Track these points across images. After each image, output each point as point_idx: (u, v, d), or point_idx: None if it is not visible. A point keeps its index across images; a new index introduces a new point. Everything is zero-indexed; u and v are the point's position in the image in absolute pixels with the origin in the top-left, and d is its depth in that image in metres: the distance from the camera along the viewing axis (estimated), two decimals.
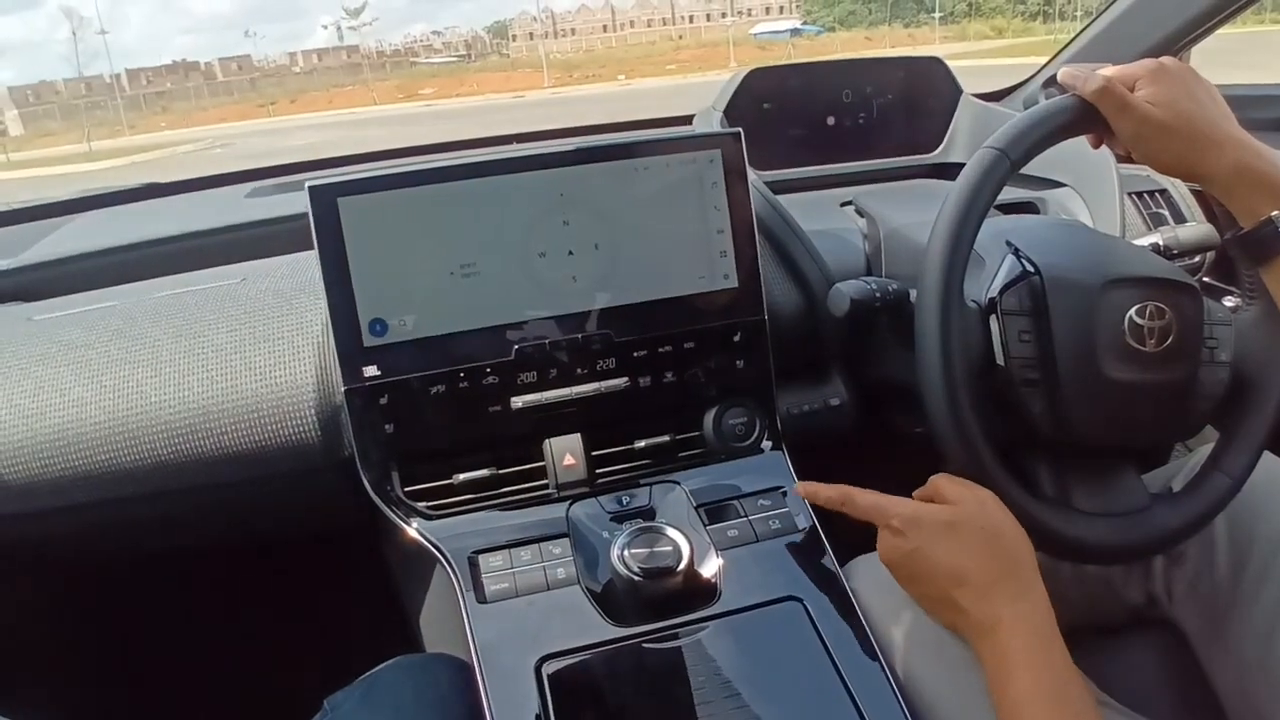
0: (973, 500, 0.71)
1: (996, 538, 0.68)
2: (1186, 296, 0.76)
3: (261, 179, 1.45)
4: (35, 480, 0.85)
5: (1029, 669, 0.62)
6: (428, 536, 0.82)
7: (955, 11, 51.70)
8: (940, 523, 0.69)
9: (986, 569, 0.67)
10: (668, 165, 0.86)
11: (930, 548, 0.69)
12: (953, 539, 0.68)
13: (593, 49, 62.58)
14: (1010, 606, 0.65)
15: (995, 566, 0.67)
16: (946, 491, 0.72)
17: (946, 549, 0.68)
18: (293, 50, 72.42)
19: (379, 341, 0.81)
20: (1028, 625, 0.64)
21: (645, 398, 0.88)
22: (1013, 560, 0.67)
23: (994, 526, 0.69)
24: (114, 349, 0.87)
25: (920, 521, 0.70)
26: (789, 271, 1.00)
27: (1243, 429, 0.78)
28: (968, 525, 0.68)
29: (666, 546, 0.76)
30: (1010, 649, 0.63)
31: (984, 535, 0.68)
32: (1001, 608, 0.65)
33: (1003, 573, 0.67)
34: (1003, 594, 0.66)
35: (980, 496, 0.71)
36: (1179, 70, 0.72)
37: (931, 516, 0.70)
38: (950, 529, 0.69)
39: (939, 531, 0.69)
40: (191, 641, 1.34)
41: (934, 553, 0.68)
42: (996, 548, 0.68)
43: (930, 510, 0.71)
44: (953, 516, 0.69)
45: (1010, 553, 0.68)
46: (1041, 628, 0.65)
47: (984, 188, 0.74)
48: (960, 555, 0.68)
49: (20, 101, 45.12)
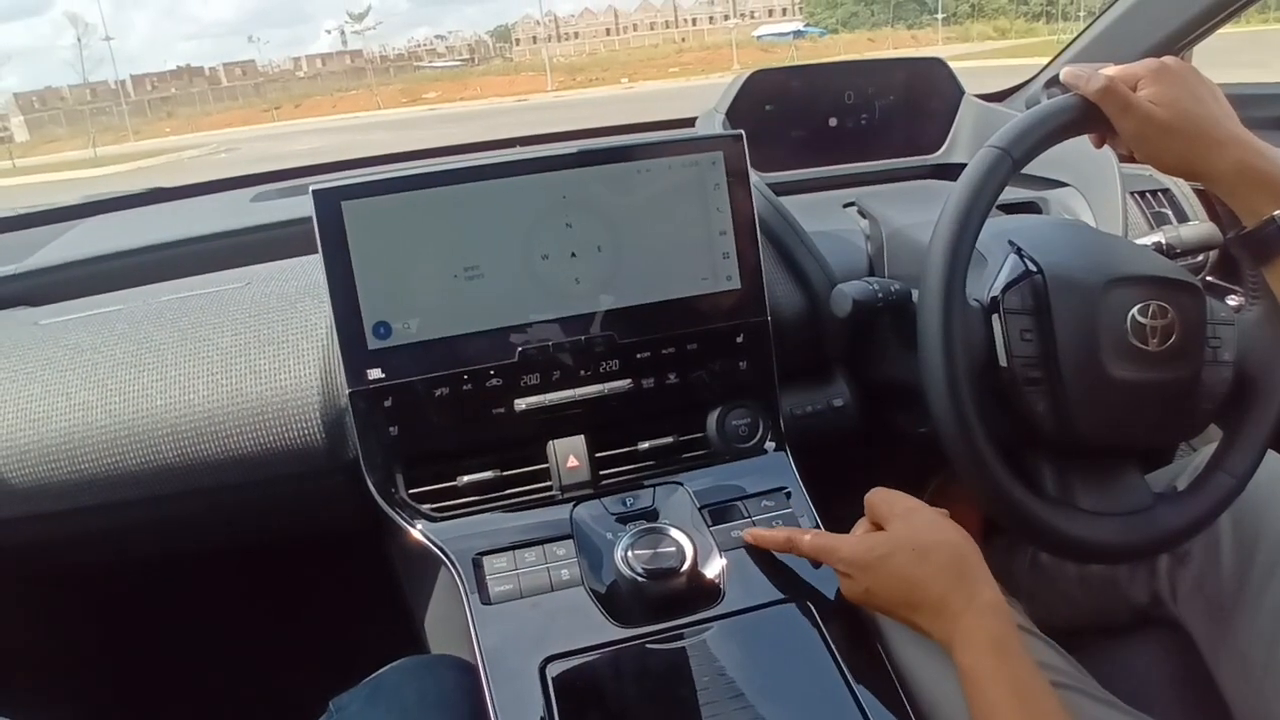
0: (899, 520, 0.71)
1: (929, 553, 0.67)
2: (1189, 295, 0.76)
3: (266, 183, 1.46)
4: (42, 484, 0.85)
5: (993, 680, 0.62)
6: (432, 538, 0.82)
7: (958, 13, 51.71)
8: (876, 557, 0.69)
9: (930, 588, 0.66)
10: (670, 167, 0.87)
11: (878, 584, 0.69)
12: (891, 568, 0.68)
13: (596, 52, 62.65)
14: (961, 619, 0.64)
15: (938, 582, 0.66)
16: (876, 511, 0.73)
17: (889, 581, 0.68)
18: (297, 55, 72.63)
19: (383, 344, 0.82)
20: (984, 635, 0.63)
21: (649, 399, 0.88)
22: (953, 570, 0.67)
23: (923, 544, 0.68)
24: (119, 353, 0.88)
25: (859, 560, 0.70)
26: (792, 273, 1.00)
27: (1246, 428, 0.78)
28: (899, 551, 0.68)
29: (670, 547, 0.76)
30: (971, 666, 0.63)
31: (916, 556, 0.68)
32: (956, 620, 0.64)
33: (947, 586, 0.66)
34: (953, 607, 0.65)
35: (905, 511, 0.71)
36: (1181, 69, 0.72)
37: (866, 553, 0.70)
38: (886, 560, 0.68)
39: (878, 565, 0.69)
40: (197, 644, 1.34)
41: (882, 588, 0.69)
42: (932, 564, 0.67)
43: (864, 546, 0.70)
44: (886, 547, 0.69)
45: (948, 564, 0.67)
46: (997, 633, 0.64)
47: (986, 186, 0.74)
48: (903, 583, 0.68)
49: (26, 107, 45.36)
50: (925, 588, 0.66)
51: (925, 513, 0.71)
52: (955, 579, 0.66)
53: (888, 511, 0.72)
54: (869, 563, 0.69)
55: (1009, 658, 0.63)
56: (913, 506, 0.72)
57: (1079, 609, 0.96)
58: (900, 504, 0.72)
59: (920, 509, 0.72)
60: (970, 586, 0.66)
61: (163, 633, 1.35)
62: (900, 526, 0.70)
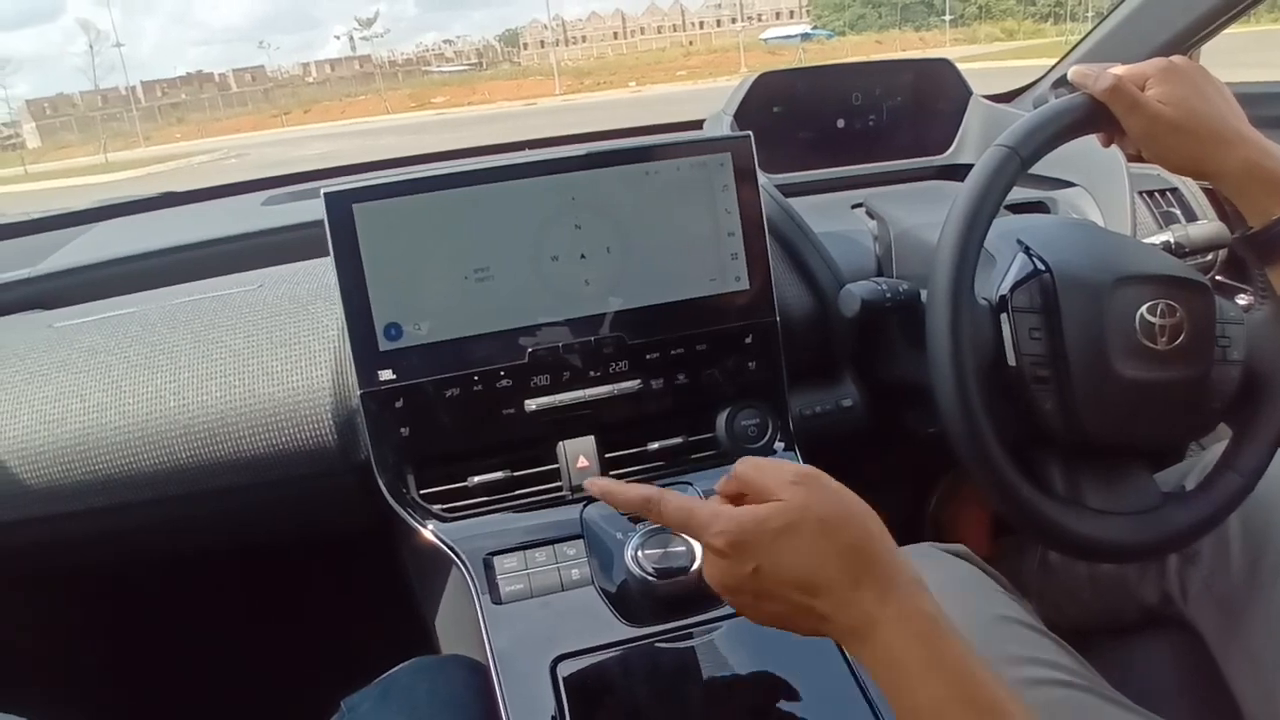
0: (800, 489, 0.57)
1: (842, 526, 0.56)
2: (1198, 294, 0.76)
3: (277, 187, 1.46)
4: (56, 485, 0.86)
5: (926, 678, 0.51)
6: (443, 538, 0.83)
7: (965, 14, 51.61)
8: (773, 530, 0.56)
9: (843, 569, 0.55)
10: (678, 169, 0.87)
11: (772, 563, 0.56)
12: (794, 543, 0.55)
13: (603, 56, 62.77)
14: (882, 607, 0.53)
15: (853, 563, 0.55)
16: (764, 483, 0.59)
17: (791, 559, 0.56)
18: (306, 61, 72.93)
19: (394, 346, 0.82)
20: (909, 626, 0.53)
21: (658, 400, 0.89)
22: (867, 550, 0.56)
23: (834, 514, 0.56)
24: (133, 354, 0.88)
25: (748, 535, 0.56)
26: (800, 273, 1.00)
27: (1255, 428, 0.78)
28: (805, 522, 0.56)
29: (680, 547, 0.76)
30: (899, 656, 0.53)
31: (826, 528, 0.56)
32: (871, 608, 0.54)
33: (862, 567, 0.55)
34: (869, 592, 0.54)
35: (805, 478, 0.58)
36: (1189, 69, 0.72)
37: (760, 525, 0.56)
38: (788, 532, 0.56)
39: (776, 540, 0.56)
40: (208, 644, 1.35)
41: (778, 567, 0.56)
42: (845, 538, 0.56)
43: (757, 517, 0.57)
44: (786, 518, 0.56)
45: (863, 542, 0.56)
46: (925, 626, 0.53)
47: (995, 185, 0.74)
48: (808, 560, 0.55)
49: (38, 114, 45.63)
50: (837, 566, 0.55)
51: (824, 480, 0.59)
52: (870, 559, 0.55)
53: (775, 480, 0.58)
54: (763, 536, 0.56)
55: (946, 644, 0.53)
56: (808, 472, 0.59)
57: (1088, 609, 0.96)
58: (789, 470, 0.59)
59: (819, 475, 0.60)
60: (887, 567, 0.55)
61: (174, 633, 1.36)
62: (800, 494, 0.57)
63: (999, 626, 0.75)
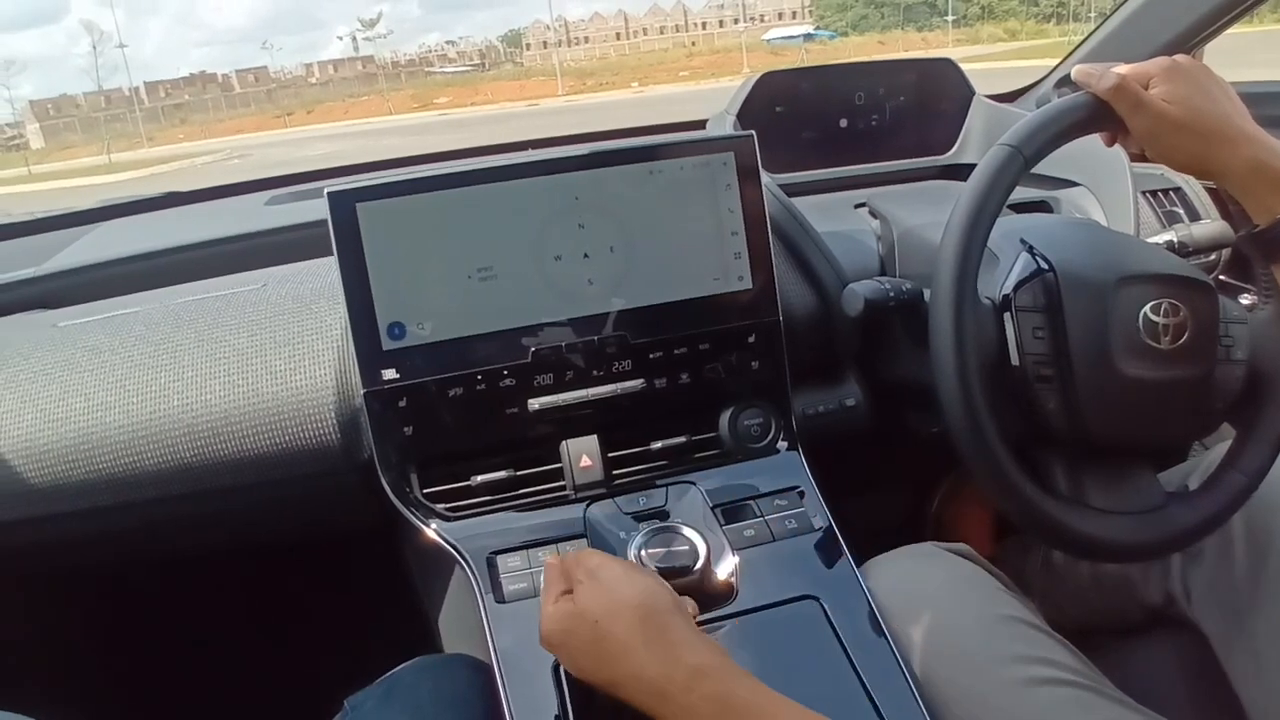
0: (582, 585, 0.64)
1: (614, 616, 0.61)
2: (1201, 293, 0.76)
3: (280, 187, 1.47)
4: (60, 483, 0.86)
5: None
6: (446, 537, 0.83)
7: (968, 15, 51.58)
8: (561, 630, 0.63)
9: (622, 660, 0.59)
10: (681, 168, 0.87)
11: (572, 661, 0.63)
12: (577, 643, 0.62)
13: (606, 56, 62.74)
14: (668, 693, 0.57)
15: (631, 651, 0.59)
16: (564, 578, 0.66)
17: (580, 658, 0.62)
18: (309, 61, 72.92)
19: (397, 345, 0.82)
20: (700, 706, 0.56)
21: (661, 399, 0.89)
22: (643, 632, 0.59)
23: (605, 607, 0.61)
24: (136, 354, 0.89)
25: (547, 636, 0.64)
26: (803, 273, 1.00)
27: (1259, 427, 0.78)
28: (581, 620, 0.62)
29: (683, 546, 0.76)
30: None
31: (598, 624, 0.61)
32: (663, 695, 0.57)
33: (641, 653, 0.59)
34: (652, 676, 0.58)
35: (587, 572, 0.64)
36: (1193, 67, 0.72)
37: (551, 627, 0.63)
38: (572, 634, 0.62)
39: (565, 640, 0.63)
40: (212, 643, 1.35)
41: (577, 665, 0.63)
42: (620, 629, 0.60)
43: (550, 619, 0.63)
44: (566, 620, 0.62)
45: (637, 624, 0.60)
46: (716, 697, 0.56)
47: (998, 183, 0.74)
48: (592, 658, 0.61)
49: (41, 115, 45.72)
50: (617, 660, 0.59)
51: (611, 568, 0.64)
52: (646, 642, 0.59)
53: (572, 576, 0.65)
54: (556, 637, 0.63)
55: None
56: (596, 565, 0.65)
57: (1092, 609, 0.96)
58: (585, 563, 0.65)
59: (606, 564, 0.65)
60: (668, 649, 0.58)
61: (177, 632, 1.36)
62: (582, 592, 0.63)
63: (1002, 626, 0.75)
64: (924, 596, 0.78)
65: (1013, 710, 0.70)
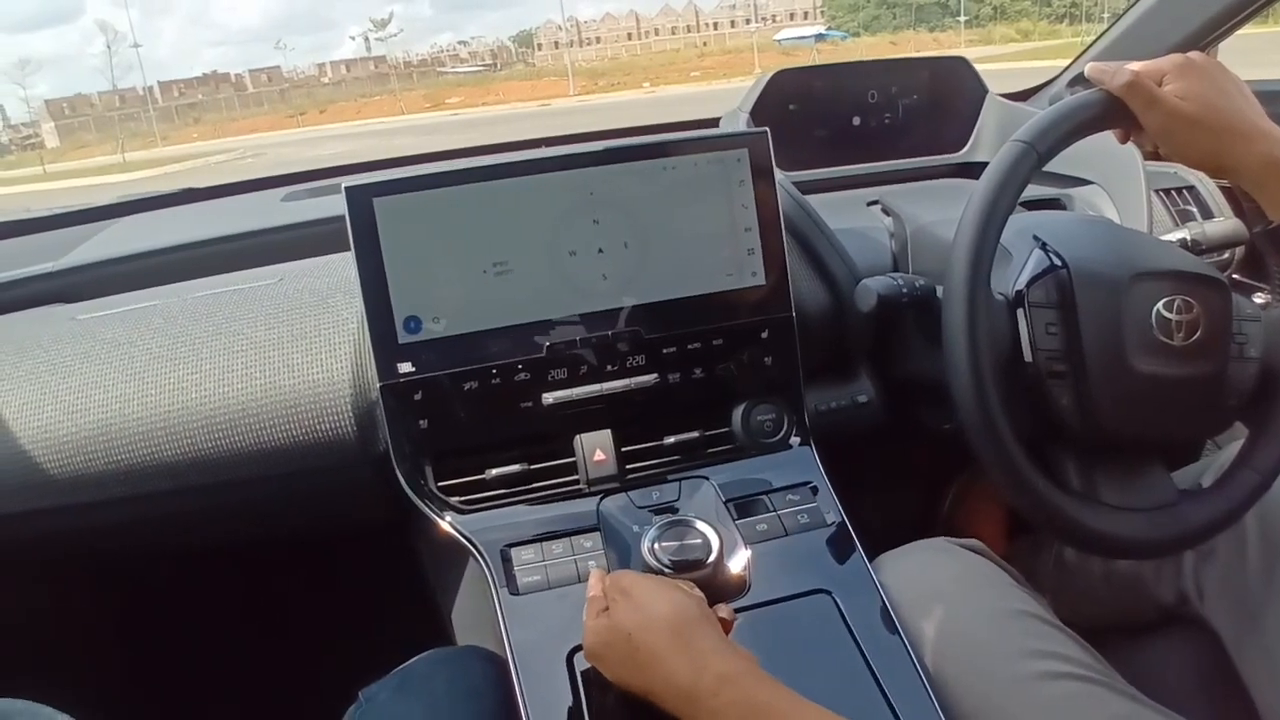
0: (616, 603, 0.66)
1: (646, 630, 0.63)
2: (1214, 291, 0.76)
3: (296, 184, 1.48)
4: (78, 475, 0.87)
5: None
6: (461, 530, 0.83)
7: (980, 15, 51.40)
8: (602, 644, 0.65)
9: (657, 669, 0.61)
10: (695, 165, 0.87)
11: (614, 674, 0.65)
12: (616, 656, 0.64)
13: (617, 57, 62.76)
14: (698, 700, 0.59)
15: (663, 660, 0.61)
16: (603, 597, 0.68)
17: (620, 670, 0.64)
18: (321, 61, 73.11)
19: (413, 339, 0.83)
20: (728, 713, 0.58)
21: (674, 394, 0.89)
22: (673, 643, 0.62)
23: (637, 622, 0.64)
24: (155, 346, 0.89)
25: (590, 652, 0.67)
26: (816, 269, 1.01)
27: (1272, 425, 0.77)
28: (616, 635, 0.64)
29: (696, 540, 0.77)
30: None
31: (632, 638, 0.63)
32: (693, 701, 0.59)
33: (672, 662, 0.61)
34: (683, 684, 0.60)
35: (621, 591, 0.67)
36: (1207, 64, 0.72)
37: (593, 642, 0.66)
38: (611, 647, 0.65)
39: (606, 654, 0.65)
40: (228, 634, 1.36)
41: (619, 678, 0.65)
42: (652, 641, 0.62)
43: (591, 635, 0.66)
44: (605, 634, 0.65)
45: (668, 636, 0.62)
46: (742, 702, 0.58)
47: (1011, 180, 0.74)
48: (630, 670, 0.63)
49: (56, 114, 46.02)
50: (650, 669, 0.62)
51: (642, 585, 0.67)
52: (676, 652, 0.61)
53: (608, 594, 0.68)
54: (596, 650, 0.66)
55: None
56: (629, 584, 0.67)
57: (1105, 607, 0.95)
58: (619, 583, 0.68)
59: (638, 582, 0.68)
60: (696, 657, 0.61)
61: (192, 624, 1.37)
62: (617, 609, 0.65)
63: (1014, 620, 0.75)
64: (936, 591, 0.78)
65: (1024, 704, 0.70)
